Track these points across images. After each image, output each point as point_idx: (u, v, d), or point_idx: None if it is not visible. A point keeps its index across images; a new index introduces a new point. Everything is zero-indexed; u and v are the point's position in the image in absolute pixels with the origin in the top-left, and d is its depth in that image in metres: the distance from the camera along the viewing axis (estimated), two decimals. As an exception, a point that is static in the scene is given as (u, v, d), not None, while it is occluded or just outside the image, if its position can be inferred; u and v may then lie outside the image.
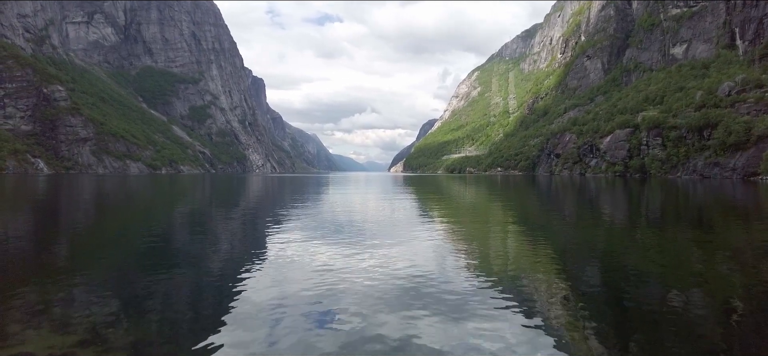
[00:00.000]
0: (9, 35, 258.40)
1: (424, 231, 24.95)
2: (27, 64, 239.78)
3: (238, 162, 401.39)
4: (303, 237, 22.47)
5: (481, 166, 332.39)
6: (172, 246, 21.74)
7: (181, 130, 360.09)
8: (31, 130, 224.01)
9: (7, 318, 10.41)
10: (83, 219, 33.59)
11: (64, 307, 11.30)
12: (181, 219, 33.12)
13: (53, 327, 9.86)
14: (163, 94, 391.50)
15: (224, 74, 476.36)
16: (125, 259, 18.25)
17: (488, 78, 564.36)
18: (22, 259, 17.97)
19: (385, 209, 39.25)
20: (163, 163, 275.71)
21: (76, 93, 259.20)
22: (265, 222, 31.12)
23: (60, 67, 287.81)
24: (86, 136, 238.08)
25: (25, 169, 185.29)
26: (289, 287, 13.01)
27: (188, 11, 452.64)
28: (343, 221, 29.40)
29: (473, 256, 18.07)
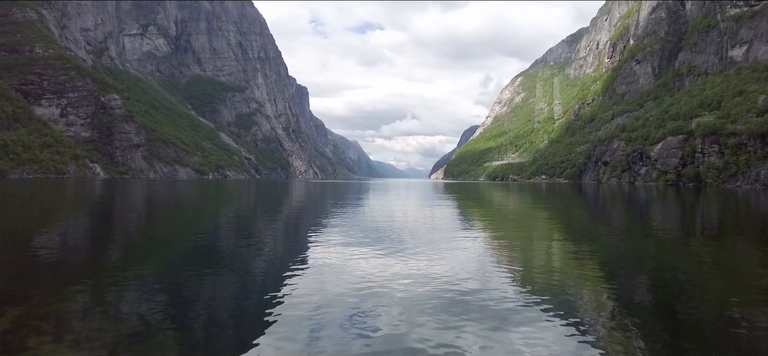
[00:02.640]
0: (72, 48, 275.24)
1: (464, 240, 24.60)
2: (87, 74, 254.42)
3: (282, 168, 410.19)
4: (343, 243, 22.61)
5: (525, 174, 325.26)
6: (218, 249, 22.39)
7: (227, 137, 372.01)
8: (90, 137, 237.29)
9: (65, 316, 10.98)
10: (135, 222, 35.16)
11: (115, 306, 11.81)
12: (227, 223, 34.09)
13: (106, 325, 10.31)
14: (211, 101, 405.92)
15: (269, 82, 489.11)
16: (173, 261, 18.93)
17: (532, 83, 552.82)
18: (80, 260, 18.99)
19: (425, 216, 39.01)
20: (210, 168, 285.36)
21: (130, 101, 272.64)
22: (306, 227, 31.57)
23: (116, 76, 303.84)
24: (139, 142, 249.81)
25: (84, 173, 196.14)
26: (330, 293, 13.10)
27: (235, 22, 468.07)
28: (383, 228, 29.41)
29: (516, 266, 17.64)
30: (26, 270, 16.52)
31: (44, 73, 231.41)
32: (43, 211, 41.42)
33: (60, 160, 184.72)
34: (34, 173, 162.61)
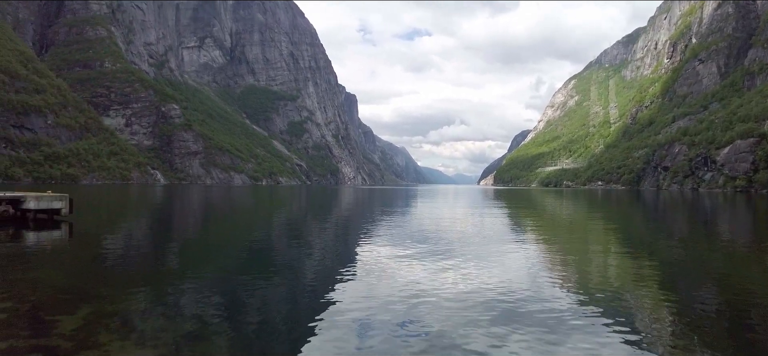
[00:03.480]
0: (137, 61, 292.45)
1: (516, 248, 24.06)
2: (149, 85, 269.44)
3: (332, 174, 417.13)
4: (392, 249, 22.66)
5: (580, 180, 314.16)
6: (270, 253, 23.04)
7: (280, 144, 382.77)
8: (152, 145, 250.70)
9: (130, 315, 11.63)
10: (193, 226, 36.80)
11: (175, 307, 12.38)
12: (279, 228, 35.02)
13: (166, 326, 10.82)
14: (264, 110, 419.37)
15: (319, 91, 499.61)
16: (228, 264, 19.66)
17: (586, 86, 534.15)
18: (143, 261, 20.10)
19: (475, 223, 38.46)
20: (263, 174, 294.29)
21: (188, 111, 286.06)
22: (355, 233, 31.91)
23: (176, 87, 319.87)
24: (196, 150, 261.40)
25: (146, 179, 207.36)
26: (379, 299, 13.15)
27: (287, 32, 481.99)
28: (432, 234, 29.24)
29: (570, 275, 17.06)
30: (98, 270, 17.66)
31: (112, 86, 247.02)
32: (111, 215, 44.11)
33: (125, 167, 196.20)
34: (102, 179, 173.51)
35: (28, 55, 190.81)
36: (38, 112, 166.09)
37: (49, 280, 15.40)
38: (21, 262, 18.47)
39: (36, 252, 21.67)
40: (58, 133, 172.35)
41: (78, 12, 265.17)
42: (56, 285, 14.63)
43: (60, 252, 21.96)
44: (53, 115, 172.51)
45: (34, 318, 10.96)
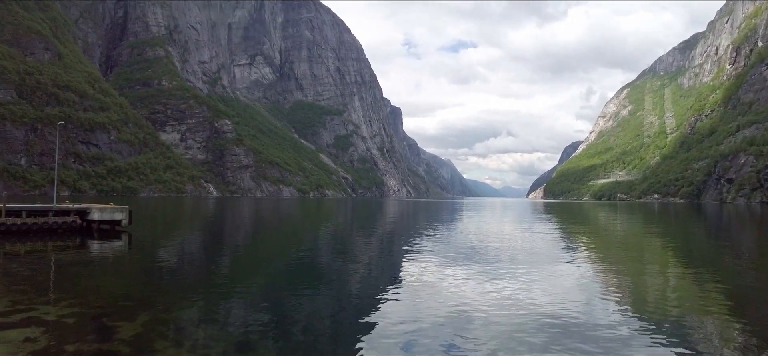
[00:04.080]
0: (191, 79, 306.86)
1: (567, 263, 23.23)
2: (203, 102, 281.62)
3: (377, 187, 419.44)
4: (438, 262, 22.41)
5: (634, 193, 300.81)
6: (317, 264, 23.34)
7: (327, 158, 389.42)
8: (205, 159, 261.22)
9: (183, 324, 12.04)
10: (243, 237, 37.89)
11: (225, 316, 12.71)
12: (325, 241, 35.46)
13: (217, 334, 11.13)
14: (311, 124, 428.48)
15: (365, 105, 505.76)
16: (276, 274, 20.07)
17: (640, 95, 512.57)
18: (196, 270, 20.86)
19: (524, 237, 37.51)
20: (310, 187, 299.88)
21: (240, 126, 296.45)
22: (401, 245, 31.81)
23: (228, 103, 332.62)
24: (247, 164, 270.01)
25: (200, 192, 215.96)
26: (424, 313, 12.99)
27: (334, 48, 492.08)
28: (478, 248, 28.72)
29: (626, 293, 16.26)
30: (154, 278, 18.50)
31: (168, 103, 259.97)
32: (167, 226, 46.13)
33: (179, 180, 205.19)
34: (159, 191, 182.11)
35: (95, 75, 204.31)
36: (103, 128, 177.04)
37: (111, 288, 16.23)
38: (86, 270, 19.59)
39: (99, 260, 22.93)
40: (120, 148, 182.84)
41: (139, 34, 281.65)
42: (117, 292, 15.39)
43: (120, 261, 23.14)
44: (116, 132, 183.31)
45: (98, 323, 11.56)
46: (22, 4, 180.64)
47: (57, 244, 26.36)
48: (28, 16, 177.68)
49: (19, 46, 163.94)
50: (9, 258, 21.52)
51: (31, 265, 19.89)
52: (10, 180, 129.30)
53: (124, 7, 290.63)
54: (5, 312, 11.86)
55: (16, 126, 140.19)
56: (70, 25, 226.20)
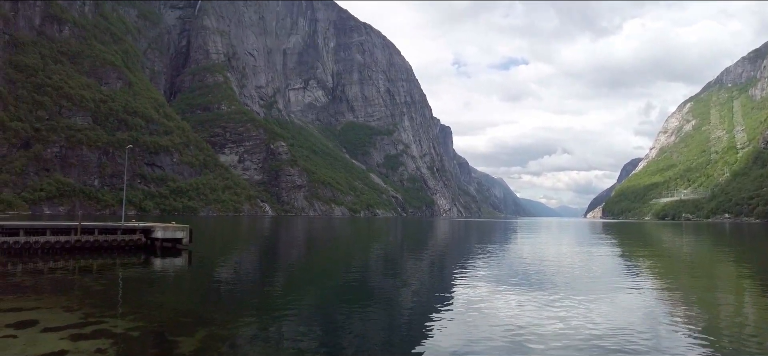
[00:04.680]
0: (249, 103, 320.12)
1: (629, 287, 22.06)
2: (260, 125, 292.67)
3: (427, 206, 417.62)
4: (490, 283, 21.89)
5: (702, 212, 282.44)
6: (368, 283, 23.40)
7: (377, 177, 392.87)
8: (261, 179, 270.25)
9: (239, 341, 12.37)
10: (296, 256, 38.66)
11: (278, 334, 12.94)
12: (376, 259, 35.54)
13: (270, 352, 11.33)
14: (362, 145, 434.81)
15: (415, 124, 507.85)
16: (329, 293, 20.28)
17: (705, 109, 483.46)
18: (251, 287, 21.46)
19: (581, 259, 36.03)
20: (361, 207, 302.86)
21: (294, 147, 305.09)
22: (452, 265, 31.36)
23: (283, 126, 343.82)
24: (301, 184, 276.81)
25: (256, 211, 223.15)
26: (475, 336, 12.67)
27: (384, 70, 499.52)
28: (533, 271, 27.84)
29: (696, 323, 15.18)
30: (212, 295, 19.20)
31: (227, 126, 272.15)
32: (225, 245, 47.85)
33: (237, 199, 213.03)
34: (218, 211, 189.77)
35: (160, 101, 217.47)
36: (166, 151, 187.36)
37: (172, 304, 16.97)
38: (150, 286, 20.62)
39: (161, 277, 24.08)
40: (182, 170, 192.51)
41: (200, 62, 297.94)
42: (177, 308, 16.07)
43: (181, 277, 24.19)
44: (178, 154, 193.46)
45: (160, 337, 12.10)
46: (99, 39, 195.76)
47: (124, 261, 27.95)
48: (105, 50, 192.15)
49: (96, 76, 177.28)
50: (83, 273, 23.03)
51: (101, 280, 21.19)
52: (85, 200, 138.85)
53: (187, 37, 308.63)
54: (79, 324, 12.65)
55: (90, 150, 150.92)
56: (139, 56, 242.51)
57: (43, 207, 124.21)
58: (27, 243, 30.06)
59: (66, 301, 15.96)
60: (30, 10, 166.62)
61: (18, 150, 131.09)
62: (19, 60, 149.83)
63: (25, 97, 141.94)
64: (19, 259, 27.06)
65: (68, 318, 13.31)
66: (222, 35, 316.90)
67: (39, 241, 30.54)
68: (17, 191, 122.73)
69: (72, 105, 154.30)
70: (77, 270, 23.86)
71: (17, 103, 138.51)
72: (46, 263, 25.70)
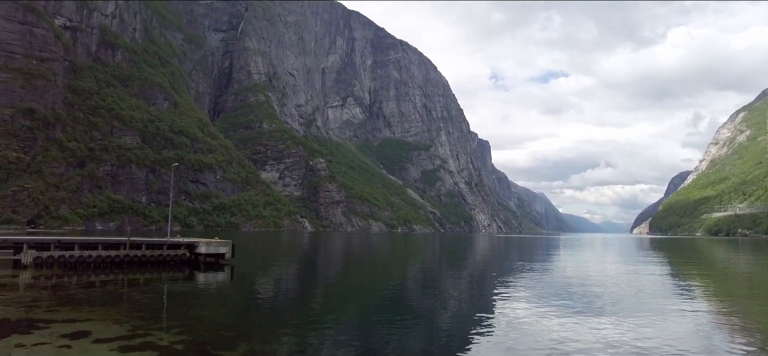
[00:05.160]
0: (289, 122, 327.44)
1: (681, 308, 20.96)
2: (299, 142, 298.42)
3: (465, 221, 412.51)
4: (532, 302, 21.29)
5: (761, 228, 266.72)
6: (406, 300, 23.20)
7: (414, 193, 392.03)
8: (300, 195, 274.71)
9: (276, 355, 12.47)
10: (335, 271, 38.88)
11: (316, 349, 12.97)
12: (414, 275, 35.25)
13: (311, 366, 11.36)
14: (399, 160, 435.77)
15: (452, 139, 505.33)
16: (367, 308, 20.22)
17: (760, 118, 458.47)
18: (290, 303, 21.67)
19: (628, 277, 34.60)
20: (398, 222, 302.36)
21: (332, 164, 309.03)
22: (492, 283, 30.70)
23: (322, 143, 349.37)
24: (339, 199, 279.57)
25: (295, 226, 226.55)
26: (516, 355, 12.30)
27: (420, 86, 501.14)
28: (577, 289, 26.92)
29: (756, 344, 14.24)
30: (253, 310, 19.53)
31: (268, 144, 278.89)
32: (266, 260, 48.70)
33: (277, 215, 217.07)
34: (259, 227, 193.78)
35: (204, 121, 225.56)
36: (210, 168, 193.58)
37: (214, 318, 17.34)
38: (193, 300, 21.16)
39: (204, 291, 24.69)
40: (225, 187, 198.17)
41: (242, 82, 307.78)
42: (220, 322, 16.40)
43: (223, 292, 24.73)
44: (221, 171, 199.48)
45: (202, 351, 12.36)
46: (148, 62, 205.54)
47: (169, 275, 28.85)
48: (153, 72, 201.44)
49: (144, 97, 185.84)
50: (131, 286, 23.93)
51: (148, 294, 21.94)
52: (133, 216, 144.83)
53: (230, 59, 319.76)
54: (128, 336, 13.10)
55: (139, 168, 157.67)
56: (184, 77, 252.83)
57: (96, 223, 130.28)
58: (81, 257, 31.55)
59: (116, 314, 16.59)
60: (87, 38, 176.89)
61: (74, 168, 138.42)
62: (77, 84, 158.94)
63: (81, 119, 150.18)
64: (74, 272, 28.41)
65: (118, 331, 13.81)
66: (263, 56, 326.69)
67: (92, 255, 32.00)
68: (73, 207, 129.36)
69: (122, 125, 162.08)
70: (126, 284, 24.80)
71: (74, 125, 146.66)
72: (97, 276, 26.87)
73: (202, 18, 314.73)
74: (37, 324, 14.25)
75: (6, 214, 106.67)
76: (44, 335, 13.05)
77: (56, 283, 23.92)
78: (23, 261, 29.97)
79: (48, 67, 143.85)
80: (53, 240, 32.65)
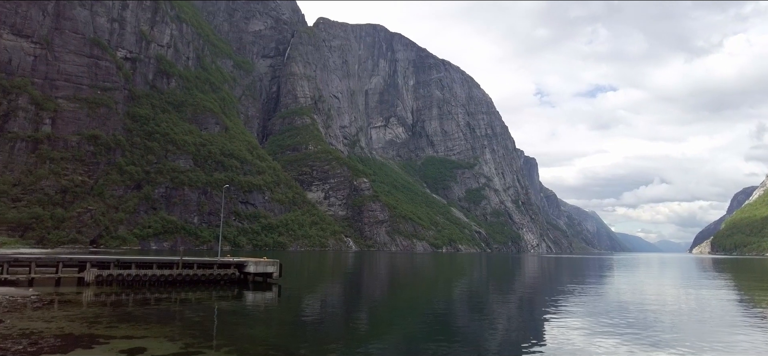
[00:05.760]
0: (334, 142, 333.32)
1: (751, 335, 19.48)
2: (344, 163, 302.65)
3: (513, 241, 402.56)
4: (585, 327, 20.40)
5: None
6: (453, 321, 22.75)
7: (458, 212, 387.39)
8: (345, 215, 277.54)
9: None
10: (380, 290, 38.76)
11: (364, 371, 12.87)
12: (460, 297, 34.59)
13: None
14: (443, 179, 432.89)
15: (497, 157, 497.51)
16: (413, 329, 19.94)
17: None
18: (336, 322, 21.73)
19: (689, 300, 32.60)
20: (443, 242, 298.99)
21: (376, 183, 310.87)
22: (542, 306, 29.65)
23: (365, 163, 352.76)
24: (383, 219, 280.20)
25: (340, 246, 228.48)
26: (573, 382, 11.75)
27: (463, 104, 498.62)
28: (634, 313, 25.60)
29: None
30: (300, 330, 19.68)
31: (314, 165, 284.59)
32: (312, 279, 49.24)
33: (323, 235, 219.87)
34: (305, 246, 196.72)
35: (253, 143, 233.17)
36: (259, 189, 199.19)
37: (262, 337, 17.61)
38: (242, 319, 21.61)
39: (253, 310, 25.18)
40: (273, 207, 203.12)
41: (289, 105, 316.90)
42: (267, 341, 16.63)
43: (270, 311, 25.12)
44: (269, 192, 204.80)
45: (250, 370, 12.52)
46: (200, 88, 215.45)
47: (219, 294, 29.65)
48: (205, 98, 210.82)
49: (197, 122, 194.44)
50: (183, 304, 24.73)
51: (199, 312, 22.60)
52: (186, 237, 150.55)
53: (278, 84, 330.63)
54: (181, 354, 13.50)
55: (192, 190, 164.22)
56: (235, 102, 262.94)
57: (151, 243, 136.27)
58: (137, 276, 33.01)
59: (169, 331, 17.16)
60: (145, 67, 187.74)
61: (131, 191, 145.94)
62: (135, 111, 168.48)
63: (138, 144, 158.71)
64: (131, 290, 29.73)
65: (171, 348, 14.25)
66: (309, 80, 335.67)
67: (147, 274, 33.43)
68: (130, 228, 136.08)
69: (176, 149, 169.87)
70: (178, 302, 25.68)
71: (132, 149, 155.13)
72: (152, 294, 27.98)
73: (250, 45, 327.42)
74: (98, 340, 14.93)
75: (72, 234, 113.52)
76: (104, 350, 13.65)
77: (115, 300, 25.08)
78: (86, 278, 31.68)
79: (110, 95, 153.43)
80: (113, 259, 34.39)
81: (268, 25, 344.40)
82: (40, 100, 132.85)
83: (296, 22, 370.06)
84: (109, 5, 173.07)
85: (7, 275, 30.66)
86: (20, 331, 15.93)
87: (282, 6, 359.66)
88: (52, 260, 33.94)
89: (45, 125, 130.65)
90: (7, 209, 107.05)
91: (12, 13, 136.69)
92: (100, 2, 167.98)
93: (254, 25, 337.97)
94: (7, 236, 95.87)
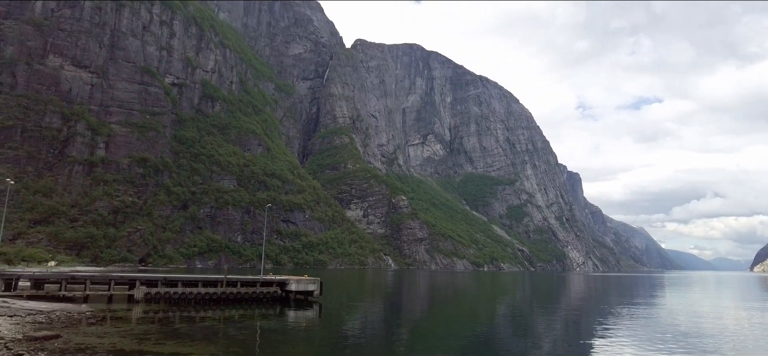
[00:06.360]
0: (371, 161, 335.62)
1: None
2: (382, 181, 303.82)
3: (557, 259, 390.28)
4: (636, 348, 19.43)
5: None
6: (496, 341, 22.16)
7: (500, 229, 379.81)
8: (384, 233, 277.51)
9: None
10: (420, 309, 38.31)
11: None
12: (504, 317, 33.73)
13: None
14: (482, 196, 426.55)
15: (538, 172, 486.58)
16: (454, 349, 19.54)
17: None
18: (376, 342, 21.56)
19: (753, 324, 30.60)
20: (484, 260, 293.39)
21: (414, 201, 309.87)
22: (590, 327, 28.50)
23: (403, 181, 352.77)
24: (422, 237, 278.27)
25: (379, 264, 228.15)
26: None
27: (502, 120, 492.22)
28: (689, 334, 24.23)
29: None
30: (340, 349, 19.68)
31: (353, 183, 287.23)
32: (352, 297, 49.30)
33: (362, 253, 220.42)
34: (344, 264, 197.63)
35: (294, 163, 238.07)
36: (300, 208, 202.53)
37: (304, 355, 17.66)
38: (284, 337, 21.79)
39: (294, 328, 25.37)
40: (313, 226, 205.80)
41: (328, 125, 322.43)
42: (308, 359, 16.63)
43: (311, 330, 25.24)
44: (310, 211, 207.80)
45: (291, 388, 12.54)
46: (243, 111, 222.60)
47: (262, 311, 30.09)
48: (248, 120, 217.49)
49: (240, 144, 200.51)
50: (226, 322, 25.21)
51: (243, 329, 22.97)
52: (229, 255, 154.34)
53: (317, 105, 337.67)
54: (223, 371, 13.70)
55: (235, 209, 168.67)
56: (276, 124, 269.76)
57: (196, 261, 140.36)
58: (183, 294, 34.00)
59: (214, 349, 17.49)
60: (191, 92, 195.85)
61: (178, 211, 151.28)
62: (182, 134, 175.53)
63: (185, 165, 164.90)
64: (177, 308, 30.60)
65: (215, 365, 14.49)
66: (347, 100, 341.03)
67: (192, 292, 34.38)
68: (176, 247, 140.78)
69: (220, 170, 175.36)
70: (222, 320, 26.20)
71: (179, 171, 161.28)
72: (197, 311, 28.70)
73: (291, 68, 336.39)
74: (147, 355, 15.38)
75: (122, 253, 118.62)
76: (152, 367, 14.02)
77: (163, 317, 25.87)
78: (135, 296, 32.90)
79: (158, 119, 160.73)
80: (160, 277, 35.60)
81: (308, 48, 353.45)
82: (95, 125, 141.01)
83: (334, 45, 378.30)
84: (158, 34, 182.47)
85: (65, 292, 32.27)
86: (76, 346, 16.63)
87: (321, 29, 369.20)
88: (105, 278, 35.49)
89: (99, 149, 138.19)
90: (65, 229, 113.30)
91: (73, 46, 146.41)
92: (150, 32, 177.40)
93: (294, 48, 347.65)
94: (65, 255, 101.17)
